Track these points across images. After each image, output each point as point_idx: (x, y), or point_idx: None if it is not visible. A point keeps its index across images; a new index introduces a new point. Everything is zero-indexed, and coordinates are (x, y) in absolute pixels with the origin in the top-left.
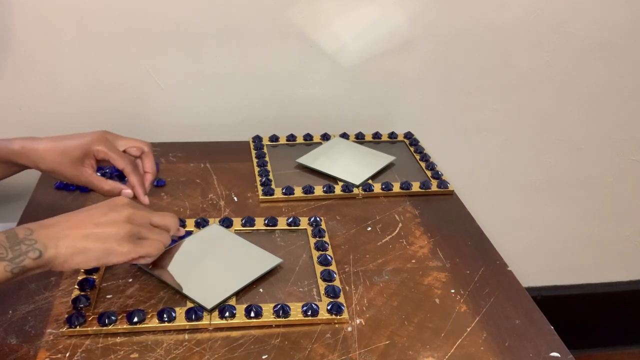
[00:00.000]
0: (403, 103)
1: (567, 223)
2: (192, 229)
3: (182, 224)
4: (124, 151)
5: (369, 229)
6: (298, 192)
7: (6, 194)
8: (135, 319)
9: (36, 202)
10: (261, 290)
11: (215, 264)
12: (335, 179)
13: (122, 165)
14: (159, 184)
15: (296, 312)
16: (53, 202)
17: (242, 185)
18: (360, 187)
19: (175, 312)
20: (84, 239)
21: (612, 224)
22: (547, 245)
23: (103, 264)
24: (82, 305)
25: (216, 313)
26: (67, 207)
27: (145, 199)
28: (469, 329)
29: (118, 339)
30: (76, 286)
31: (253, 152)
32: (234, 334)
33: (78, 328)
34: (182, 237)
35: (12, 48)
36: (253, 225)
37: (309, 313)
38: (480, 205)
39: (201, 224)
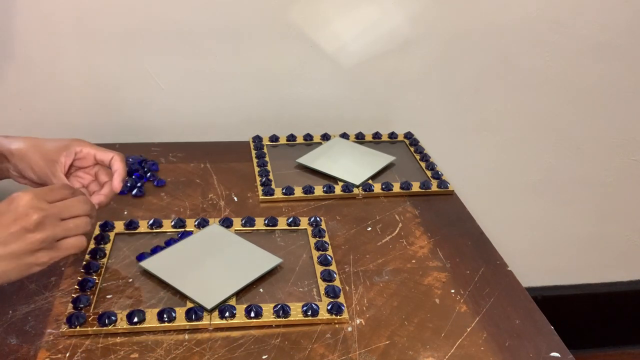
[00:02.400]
0: (403, 103)
1: (567, 223)
2: (192, 229)
3: (182, 224)
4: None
5: (369, 229)
6: (298, 192)
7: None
8: (135, 319)
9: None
10: (261, 290)
11: (215, 264)
12: (335, 179)
13: (110, 154)
14: (159, 184)
15: (296, 312)
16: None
17: (242, 185)
18: (360, 187)
19: (175, 312)
20: None
21: (612, 224)
22: (547, 245)
23: (25, 276)
24: (82, 305)
25: (216, 313)
26: None
27: (120, 186)
28: (469, 329)
29: (118, 339)
30: (76, 286)
31: (253, 152)
32: (234, 334)
33: (78, 328)
34: (182, 237)
35: (12, 48)
36: (253, 225)
37: (309, 313)
38: (480, 205)
39: (201, 224)
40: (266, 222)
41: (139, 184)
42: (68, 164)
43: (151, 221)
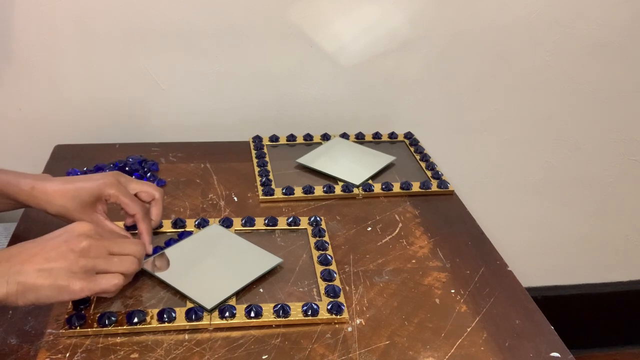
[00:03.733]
0: (403, 103)
1: (567, 223)
2: (192, 229)
3: (182, 224)
4: (135, 195)
5: (369, 229)
6: (298, 192)
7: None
8: (135, 319)
9: None
10: (261, 290)
11: (215, 264)
12: (335, 179)
13: (133, 211)
14: (159, 184)
15: (296, 312)
16: None
17: (242, 185)
18: (361, 187)
19: (175, 312)
20: (36, 274)
21: (612, 224)
22: (547, 245)
23: (56, 302)
24: (82, 306)
25: (216, 313)
26: None
27: (150, 248)
28: (469, 329)
29: (118, 339)
30: None
31: (253, 152)
32: (234, 334)
33: (78, 328)
34: (182, 237)
35: (12, 49)
36: (253, 225)
37: (309, 313)
38: (480, 205)
39: (201, 224)
40: (266, 222)
41: None
42: (106, 210)
43: None
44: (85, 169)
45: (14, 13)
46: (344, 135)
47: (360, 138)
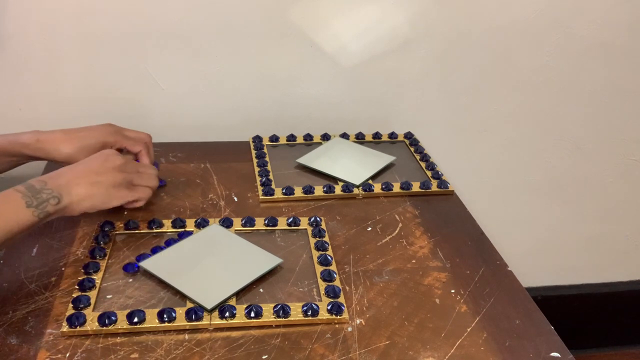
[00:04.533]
0: (403, 103)
1: (567, 223)
2: (192, 229)
3: (182, 224)
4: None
5: (369, 229)
6: (298, 192)
7: (12, 184)
8: (135, 319)
9: None
10: (261, 290)
11: (215, 264)
12: (335, 179)
13: (138, 149)
14: (159, 184)
15: (296, 312)
16: None
17: (242, 185)
18: (361, 187)
19: (175, 312)
20: (89, 186)
21: (612, 224)
22: (547, 245)
23: (106, 207)
24: (82, 306)
25: (216, 313)
26: None
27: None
28: (469, 329)
29: (118, 339)
30: (76, 286)
31: (253, 152)
32: (234, 334)
33: (78, 328)
34: (182, 237)
35: (12, 48)
36: (253, 225)
37: (309, 313)
38: (480, 205)
39: (201, 224)
40: (266, 222)
41: None
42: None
43: (151, 221)
44: None
45: (14, 13)
46: (344, 135)
47: (360, 138)
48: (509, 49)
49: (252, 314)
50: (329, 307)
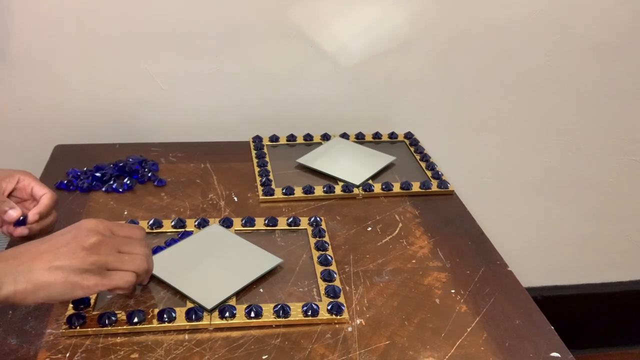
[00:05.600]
0: (403, 103)
1: (567, 223)
2: (192, 229)
3: (182, 224)
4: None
5: (369, 229)
6: (298, 192)
7: None
8: (135, 319)
9: None
10: (261, 290)
11: (215, 264)
12: (335, 179)
13: (44, 191)
14: (159, 184)
15: (296, 312)
16: None
17: (242, 185)
18: (361, 187)
19: (175, 312)
20: (45, 272)
21: (612, 224)
22: (547, 245)
23: (68, 299)
24: (82, 306)
25: (216, 313)
26: (68, 206)
27: (25, 231)
28: (469, 329)
29: (118, 339)
30: None
31: (253, 152)
32: (234, 334)
33: (78, 328)
34: (182, 237)
35: (12, 48)
36: (253, 225)
37: (309, 313)
38: (480, 205)
39: (201, 224)
40: (266, 222)
41: (127, 180)
42: (9, 189)
43: (151, 221)
44: (85, 169)
45: (14, 13)
46: (344, 135)
47: (360, 138)
48: (509, 49)
49: (252, 314)
50: (329, 307)
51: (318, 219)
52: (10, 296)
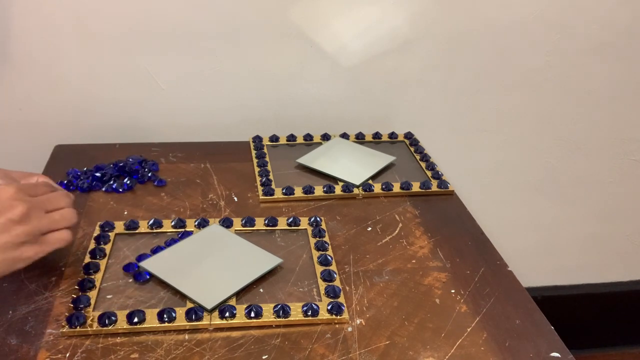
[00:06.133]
0: (403, 103)
1: (567, 223)
2: (192, 229)
3: (182, 224)
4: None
5: (369, 229)
6: (298, 192)
7: None
8: (135, 319)
9: None
10: (261, 290)
11: (215, 264)
12: (335, 179)
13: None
14: (159, 184)
15: (296, 312)
16: None
17: (242, 185)
18: (361, 187)
19: (175, 312)
20: None
21: (612, 224)
22: (547, 245)
23: (9, 271)
24: (82, 306)
25: (216, 313)
26: None
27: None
28: (469, 329)
29: (118, 339)
30: (76, 286)
31: (253, 152)
32: (234, 334)
33: (78, 328)
34: (182, 237)
35: (12, 48)
36: (253, 225)
37: (309, 313)
38: (480, 205)
39: (201, 224)
40: (266, 222)
41: (127, 180)
42: None
43: (151, 221)
44: (85, 169)
45: (14, 13)
46: (344, 135)
47: (360, 138)
48: (509, 49)
49: (252, 314)
50: (329, 307)
51: (318, 219)
52: None
